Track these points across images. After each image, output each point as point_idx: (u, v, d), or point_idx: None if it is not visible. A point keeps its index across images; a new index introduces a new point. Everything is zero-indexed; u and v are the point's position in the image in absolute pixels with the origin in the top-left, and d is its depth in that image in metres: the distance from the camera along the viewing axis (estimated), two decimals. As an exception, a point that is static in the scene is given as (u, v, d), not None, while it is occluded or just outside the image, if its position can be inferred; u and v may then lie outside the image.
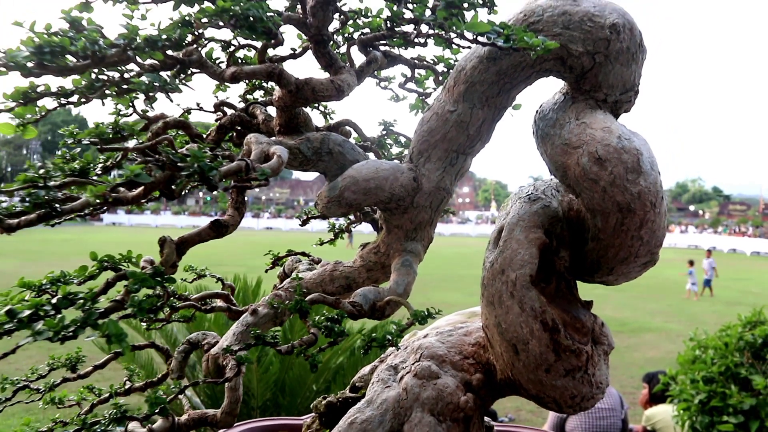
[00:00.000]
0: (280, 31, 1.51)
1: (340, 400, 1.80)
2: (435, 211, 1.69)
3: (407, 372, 1.64)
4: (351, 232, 2.35)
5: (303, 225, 2.26)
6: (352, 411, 1.58)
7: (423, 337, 1.75)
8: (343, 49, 1.84)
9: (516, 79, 1.56)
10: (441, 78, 2.03)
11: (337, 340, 1.37)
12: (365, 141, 2.08)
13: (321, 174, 1.78)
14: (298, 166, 1.71)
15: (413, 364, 1.65)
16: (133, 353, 4.26)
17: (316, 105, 2.07)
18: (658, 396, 5.68)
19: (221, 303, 1.98)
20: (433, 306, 1.46)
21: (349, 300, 1.48)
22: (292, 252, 2.10)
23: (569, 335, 1.49)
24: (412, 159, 1.68)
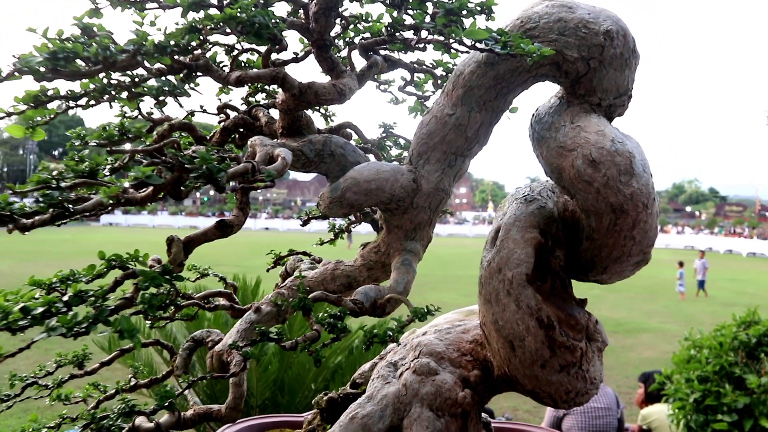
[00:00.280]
0: (283, 36, 1.55)
1: (341, 396, 1.83)
2: (434, 212, 1.73)
3: (407, 368, 1.67)
4: (350, 232, 2.39)
5: (304, 225, 2.30)
6: (353, 406, 1.62)
7: (422, 335, 1.79)
8: (345, 54, 1.87)
9: (513, 84, 1.59)
10: (440, 81, 2.07)
11: (340, 336, 1.41)
12: (366, 143, 2.12)
13: (323, 175, 1.81)
14: (300, 167, 1.75)
15: (412, 360, 1.68)
16: (133, 352, 4.30)
17: (317, 108, 2.10)
18: (653, 395, 5.72)
19: (224, 301, 2.01)
20: (431, 305, 1.50)
21: (351, 298, 1.52)
22: (293, 252, 2.14)
23: (564, 332, 1.53)
24: (411, 161, 1.72)
